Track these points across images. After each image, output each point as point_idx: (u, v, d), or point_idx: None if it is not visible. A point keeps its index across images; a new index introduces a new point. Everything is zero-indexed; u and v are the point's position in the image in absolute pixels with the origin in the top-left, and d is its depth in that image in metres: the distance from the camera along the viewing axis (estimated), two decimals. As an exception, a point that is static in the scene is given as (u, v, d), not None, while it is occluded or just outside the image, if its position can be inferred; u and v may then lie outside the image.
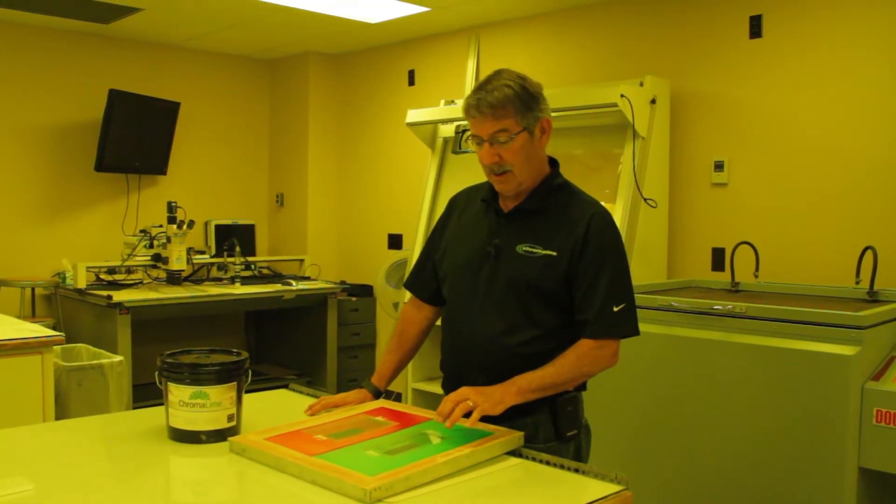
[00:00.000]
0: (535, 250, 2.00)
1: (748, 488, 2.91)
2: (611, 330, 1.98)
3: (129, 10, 5.09)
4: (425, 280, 2.27)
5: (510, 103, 1.94)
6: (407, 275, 2.37)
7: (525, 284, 1.99)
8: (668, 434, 3.14)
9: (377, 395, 2.18)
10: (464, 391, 1.86)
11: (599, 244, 1.99)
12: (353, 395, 2.14)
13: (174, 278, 5.31)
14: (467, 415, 1.82)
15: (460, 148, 4.75)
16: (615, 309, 1.97)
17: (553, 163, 2.12)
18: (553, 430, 2.01)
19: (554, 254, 1.98)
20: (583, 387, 2.09)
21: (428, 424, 1.91)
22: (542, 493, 1.65)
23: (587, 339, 1.98)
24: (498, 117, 1.95)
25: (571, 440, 2.05)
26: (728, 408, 2.97)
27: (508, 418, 1.89)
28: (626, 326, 2.00)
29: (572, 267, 1.98)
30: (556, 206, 2.05)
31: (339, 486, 1.55)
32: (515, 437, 1.84)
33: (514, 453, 1.82)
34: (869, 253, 3.23)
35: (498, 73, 2.00)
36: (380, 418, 1.98)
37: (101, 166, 5.71)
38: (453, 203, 2.27)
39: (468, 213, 2.19)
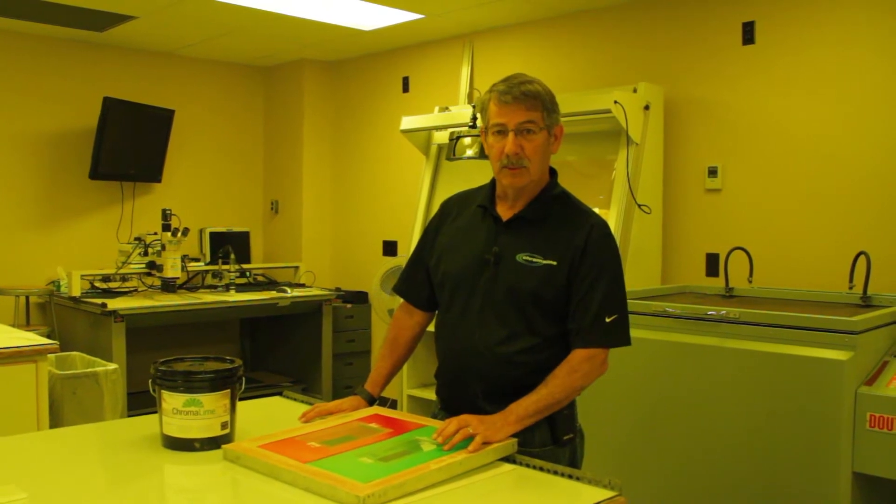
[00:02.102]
0: (535, 259, 2.00)
1: (742, 493, 2.91)
2: (602, 339, 1.99)
3: (123, 18, 5.10)
4: (417, 285, 2.25)
5: (540, 98, 2.01)
6: (396, 280, 2.36)
7: (526, 293, 1.99)
8: (662, 439, 3.14)
9: (371, 401, 2.18)
10: (466, 418, 1.85)
11: (598, 255, 2.00)
12: (348, 402, 2.14)
13: (169, 286, 5.30)
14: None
15: (454, 155, 4.75)
16: (607, 319, 1.98)
17: (552, 172, 2.13)
18: (549, 434, 2.01)
19: (554, 263, 1.99)
20: None
21: (422, 431, 1.91)
22: (536, 500, 1.65)
23: (578, 350, 1.99)
24: (529, 108, 1.99)
25: (568, 444, 2.05)
26: (722, 413, 2.97)
27: None
28: (616, 336, 2.01)
29: (571, 276, 1.99)
30: (555, 216, 2.06)
31: (333, 493, 1.55)
32: (509, 443, 1.84)
33: (507, 459, 1.82)
34: (862, 258, 3.24)
35: (521, 74, 2.06)
36: (374, 425, 1.98)
37: (95, 174, 5.71)
38: (446, 208, 2.26)
39: (462, 219, 2.18)
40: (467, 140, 4.16)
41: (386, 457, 1.73)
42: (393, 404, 5.02)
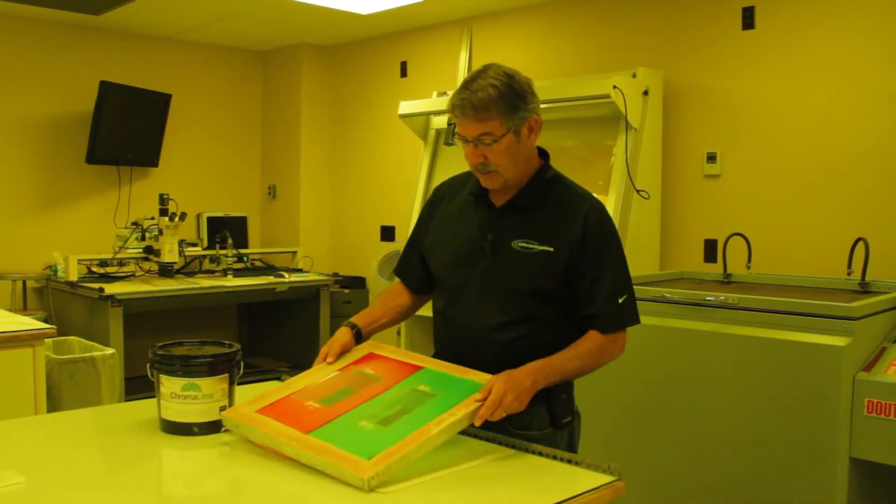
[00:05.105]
0: (531, 246, 1.98)
1: (740, 478, 2.92)
2: (619, 322, 2.00)
3: (120, 1, 5.05)
4: (412, 270, 2.25)
5: (494, 105, 1.90)
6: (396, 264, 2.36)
7: (523, 280, 1.99)
8: (660, 425, 3.15)
9: (358, 337, 2.15)
10: (498, 389, 1.79)
11: (599, 239, 1.99)
12: (339, 343, 2.11)
13: (166, 271, 5.29)
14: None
15: (453, 139, 4.74)
16: (620, 301, 1.99)
17: (544, 154, 2.11)
18: (548, 418, 2.01)
19: (551, 249, 1.97)
20: None
21: (419, 376, 1.90)
22: (535, 484, 1.65)
23: (598, 335, 1.99)
24: (482, 119, 1.91)
25: (566, 427, 2.06)
26: (720, 399, 2.98)
27: None
28: (631, 316, 2.02)
29: (572, 263, 1.97)
30: (549, 201, 2.04)
31: (338, 473, 1.56)
32: None
33: (507, 444, 1.82)
34: (861, 244, 3.24)
35: (484, 71, 1.95)
36: (369, 370, 1.97)
37: (92, 158, 5.68)
38: (438, 193, 2.25)
39: (455, 204, 2.16)
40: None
41: (386, 418, 1.73)
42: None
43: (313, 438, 1.66)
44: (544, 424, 2.00)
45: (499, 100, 1.90)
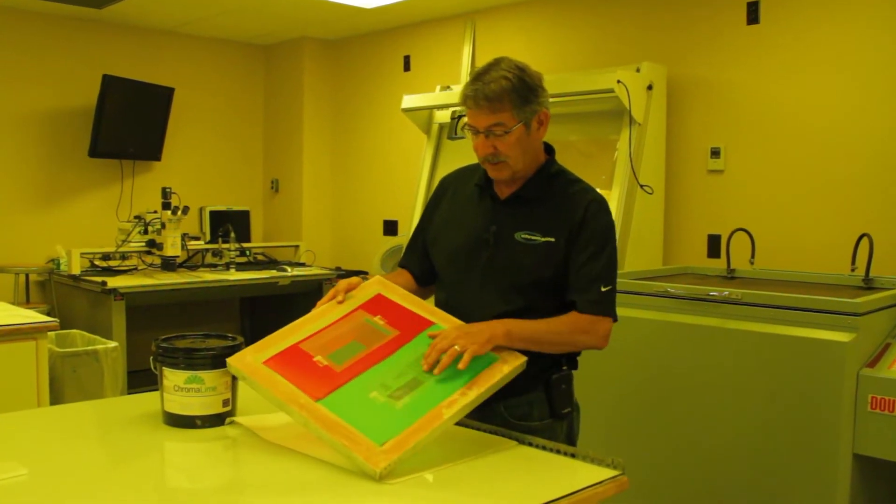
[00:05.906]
0: (534, 238, 2.00)
1: (742, 474, 2.92)
2: (600, 308, 1.98)
3: (122, -5, 5.06)
4: (416, 259, 2.26)
5: (507, 97, 1.92)
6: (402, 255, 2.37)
7: (526, 272, 2.00)
8: (661, 420, 3.14)
9: None
10: (450, 333, 1.83)
11: (594, 229, 2.00)
12: (346, 281, 2.08)
13: (169, 264, 5.29)
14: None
15: (456, 134, 4.73)
16: (603, 289, 1.98)
17: (549, 149, 2.12)
18: (548, 409, 2.02)
19: (553, 240, 1.99)
20: (574, 365, 2.10)
21: (428, 337, 1.90)
22: (538, 478, 1.65)
23: (577, 313, 1.98)
24: (494, 110, 1.93)
25: (566, 418, 2.07)
26: (723, 394, 2.97)
27: (502, 398, 1.89)
28: (609, 308, 2.01)
29: (568, 250, 1.99)
30: (553, 194, 2.05)
31: (348, 456, 1.57)
32: (519, 363, 1.83)
33: (510, 437, 1.82)
34: (865, 240, 3.23)
35: (497, 63, 1.97)
36: (378, 319, 1.96)
37: (94, 152, 5.68)
38: (443, 185, 2.27)
39: (460, 197, 2.18)
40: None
41: (396, 390, 1.72)
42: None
43: (322, 408, 1.66)
44: (544, 415, 2.01)
45: (511, 92, 1.93)
